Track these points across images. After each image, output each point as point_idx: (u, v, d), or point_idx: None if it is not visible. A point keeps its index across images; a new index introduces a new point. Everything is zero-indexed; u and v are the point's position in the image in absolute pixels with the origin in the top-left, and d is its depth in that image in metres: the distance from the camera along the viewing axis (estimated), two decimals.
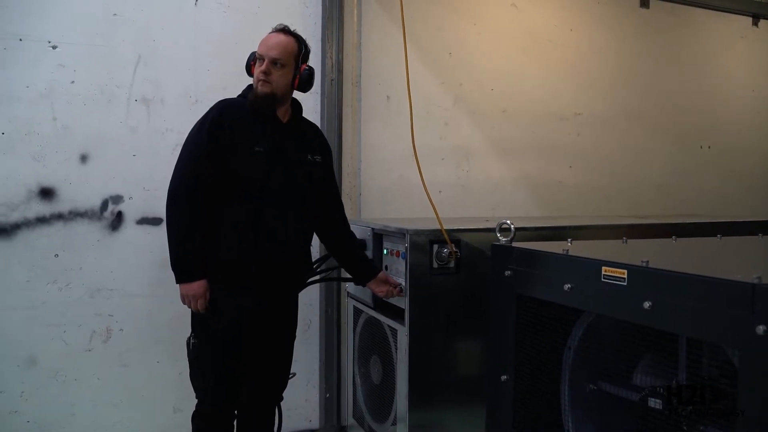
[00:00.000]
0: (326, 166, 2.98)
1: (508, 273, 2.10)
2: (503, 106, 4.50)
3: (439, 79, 4.30)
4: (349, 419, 3.75)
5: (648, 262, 1.60)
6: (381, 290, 3.02)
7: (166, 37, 3.54)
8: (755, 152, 5.64)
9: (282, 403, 3.09)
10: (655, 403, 1.69)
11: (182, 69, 3.57)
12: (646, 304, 1.55)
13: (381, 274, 3.03)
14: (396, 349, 3.05)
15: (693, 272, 1.50)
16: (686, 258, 2.11)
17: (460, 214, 4.18)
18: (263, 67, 2.66)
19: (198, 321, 2.70)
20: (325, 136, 3.80)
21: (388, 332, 3.13)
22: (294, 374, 3.14)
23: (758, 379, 1.29)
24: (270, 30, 2.76)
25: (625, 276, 1.63)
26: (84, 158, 3.39)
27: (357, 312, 3.53)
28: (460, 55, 4.37)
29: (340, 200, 3.10)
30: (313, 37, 3.82)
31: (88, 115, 3.39)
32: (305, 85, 2.81)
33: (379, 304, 3.23)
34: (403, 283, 2.95)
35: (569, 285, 1.82)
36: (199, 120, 2.70)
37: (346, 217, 3.09)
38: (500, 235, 2.17)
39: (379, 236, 3.26)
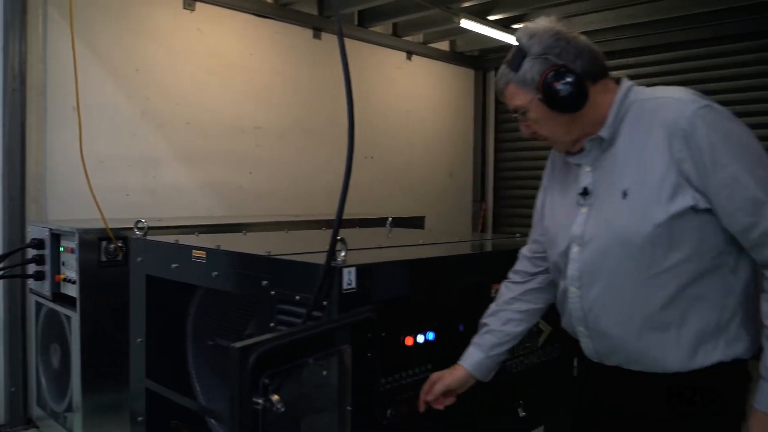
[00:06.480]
0: None
1: (139, 259, 2.69)
2: (187, 119, 5.04)
3: (126, 93, 4.70)
4: (35, 409, 4.02)
5: (220, 246, 2.32)
6: None
7: None
8: (410, 161, 6.98)
9: None
10: (223, 342, 2.42)
11: None
12: (214, 274, 2.27)
13: None
14: (71, 334, 3.46)
15: (244, 251, 2.24)
16: (263, 243, 2.82)
17: (149, 215, 4.57)
18: None
19: None
20: (7, 142, 4.07)
21: (65, 320, 3.52)
22: None
23: (265, 314, 2.05)
24: None
25: (205, 256, 2.32)
26: None
27: (38, 306, 3.84)
28: (147, 71, 4.80)
29: None
30: None
31: None
32: None
33: (58, 296, 3.60)
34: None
35: (176, 265, 2.47)
36: None
37: None
38: (136, 230, 2.75)
39: (56, 236, 3.62)
